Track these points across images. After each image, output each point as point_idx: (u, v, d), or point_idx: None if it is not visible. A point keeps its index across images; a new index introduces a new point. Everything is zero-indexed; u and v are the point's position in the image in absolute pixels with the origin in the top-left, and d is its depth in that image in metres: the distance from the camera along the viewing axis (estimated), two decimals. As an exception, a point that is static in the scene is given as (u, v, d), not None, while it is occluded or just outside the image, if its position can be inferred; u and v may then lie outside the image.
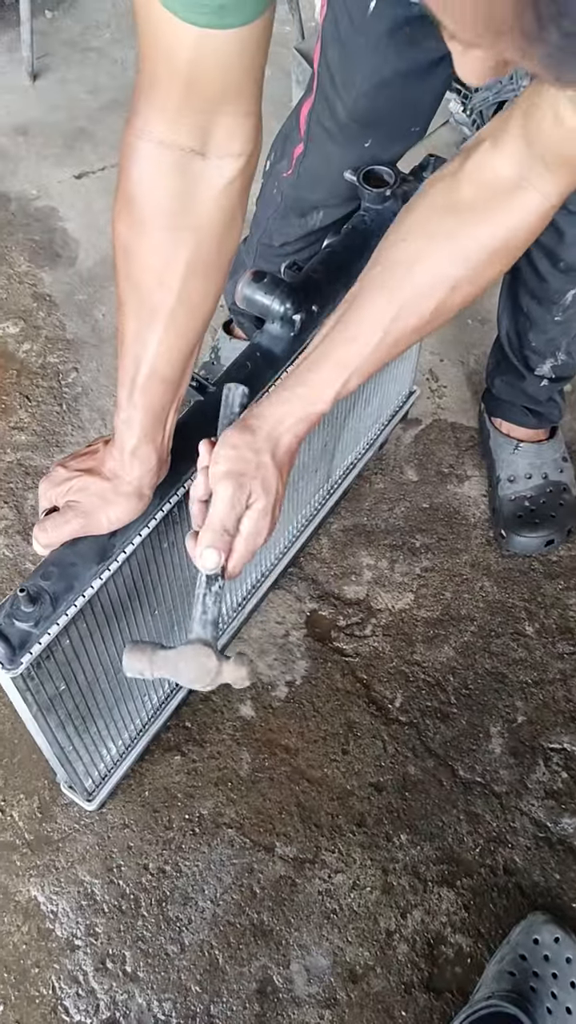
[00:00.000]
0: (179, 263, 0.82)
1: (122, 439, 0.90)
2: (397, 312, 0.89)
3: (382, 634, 1.45)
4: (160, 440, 0.92)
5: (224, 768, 1.32)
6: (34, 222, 1.96)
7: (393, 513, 1.58)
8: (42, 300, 1.83)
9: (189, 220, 0.80)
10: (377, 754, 1.34)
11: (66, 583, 0.91)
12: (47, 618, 0.89)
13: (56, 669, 0.97)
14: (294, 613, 1.47)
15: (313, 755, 1.34)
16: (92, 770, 1.21)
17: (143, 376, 0.86)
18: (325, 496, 1.51)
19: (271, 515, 0.89)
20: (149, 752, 1.32)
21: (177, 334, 0.85)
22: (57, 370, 1.73)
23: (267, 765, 1.33)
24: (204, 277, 0.84)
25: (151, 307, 0.83)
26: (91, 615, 0.97)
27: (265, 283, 1.06)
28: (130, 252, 0.82)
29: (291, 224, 1.34)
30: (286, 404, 0.90)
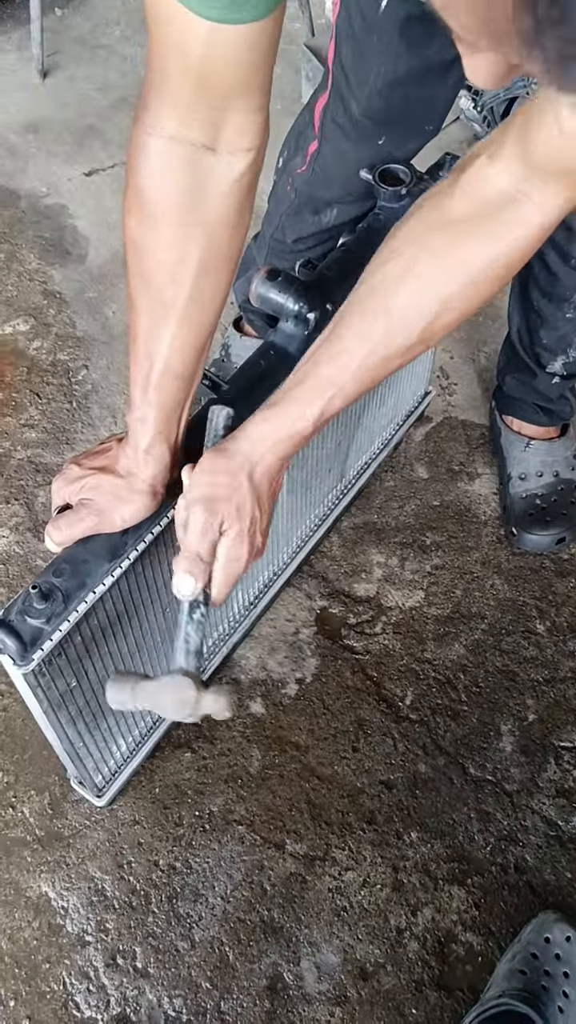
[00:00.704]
0: (191, 258, 0.82)
1: (136, 437, 0.90)
2: (384, 330, 0.86)
3: (392, 632, 1.45)
4: (174, 438, 0.92)
5: (234, 765, 1.32)
6: (44, 220, 1.96)
7: (403, 511, 1.57)
8: (52, 298, 1.83)
9: (200, 215, 0.80)
10: (387, 752, 1.34)
11: (78, 580, 0.91)
12: (59, 615, 0.90)
13: (67, 665, 0.97)
14: (304, 611, 1.47)
15: (323, 752, 1.34)
16: (102, 766, 1.21)
17: (157, 373, 0.86)
18: (339, 495, 1.51)
19: (248, 540, 0.87)
20: (159, 749, 1.32)
21: (190, 329, 0.85)
22: (67, 368, 1.73)
23: (277, 762, 1.33)
24: (215, 272, 0.84)
25: (163, 303, 0.83)
26: (102, 612, 0.98)
27: (279, 281, 1.06)
28: (141, 248, 0.82)
29: (304, 221, 1.33)
30: (267, 422, 0.87)
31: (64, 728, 1.04)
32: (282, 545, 1.40)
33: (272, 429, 0.87)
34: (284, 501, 1.30)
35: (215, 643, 1.35)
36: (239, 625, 1.38)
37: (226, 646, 1.37)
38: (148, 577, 1.03)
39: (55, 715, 1.00)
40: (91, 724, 1.10)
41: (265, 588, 1.41)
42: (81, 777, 1.19)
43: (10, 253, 1.89)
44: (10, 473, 1.58)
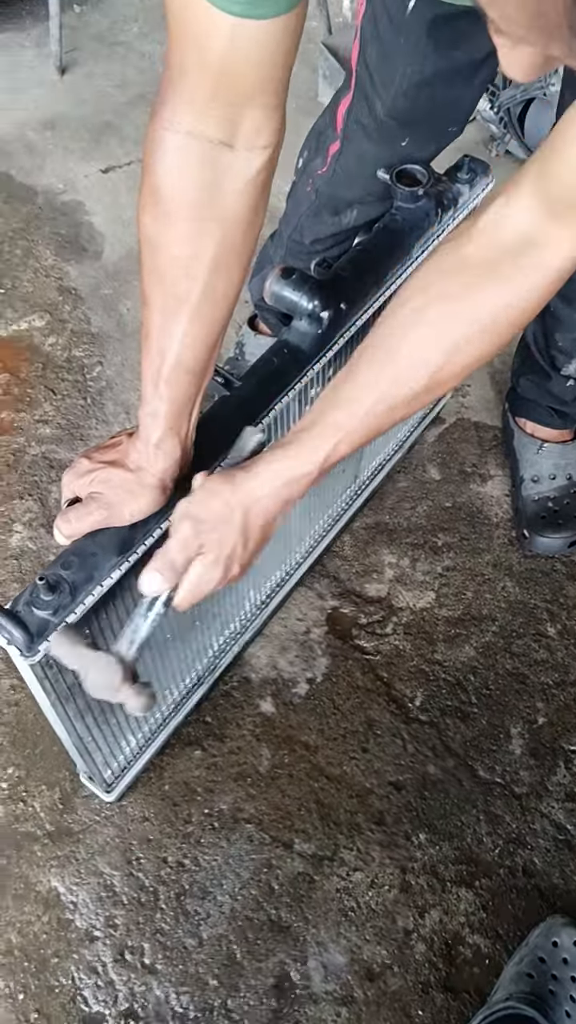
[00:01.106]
0: (205, 254, 0.82)
1: (147, 431, 0.90)
2: (392, 379, 0.85)
3: (403, 633, 1.45)
4: (184, 433, 0.92)
5: (244, 764, 1.33)
6: (60, 216, 1.97)
7: (415, 512, 1.58)
8: (68, 294, 1.84)
9: (215, 211, 0.81)
10: (397, 753, 1.35)
11: (86, 573, 0.92)
12: (65, 607, 0.90)
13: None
14: (315, 610, 1.47)
15: (332, 752, 1.34)
16: (111, 761, 1.22)
17: (168, 368, 0.87)
18: (352, 496, 1.51)
19: (221, 569, 0.88)
20: (169, 746, 1.33)
21: (202, 325, 0.86)
22: (82, 364, 1.74)
23: (287, 762, 1.33)
24: (229, 268, 0.85)
25: (176, 298, 0.84)
26: (110, 606, 0.98)
27: (294, 279, 1.06)
28: (156, 244, 0.83)
29: (324, 222, 1.34)
30: (275, 463, 0.87)
31: (72, 722, 1.04)
32: (294, 544, 1.41)
33: (278, 471, 0.87)
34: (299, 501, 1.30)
35: (226, 641, 1.35)
36: (250, 624, 1.39)
37: (237, 644, 1.37)
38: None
39: (63, 708, 1.01)
40: (100, 719, 1.10)
41: (277, 587, 1.42)
42: (91, 772, 1.20)
43: (27, 249, 1.90)
44: (24, 469, 1.59)
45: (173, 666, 1.23)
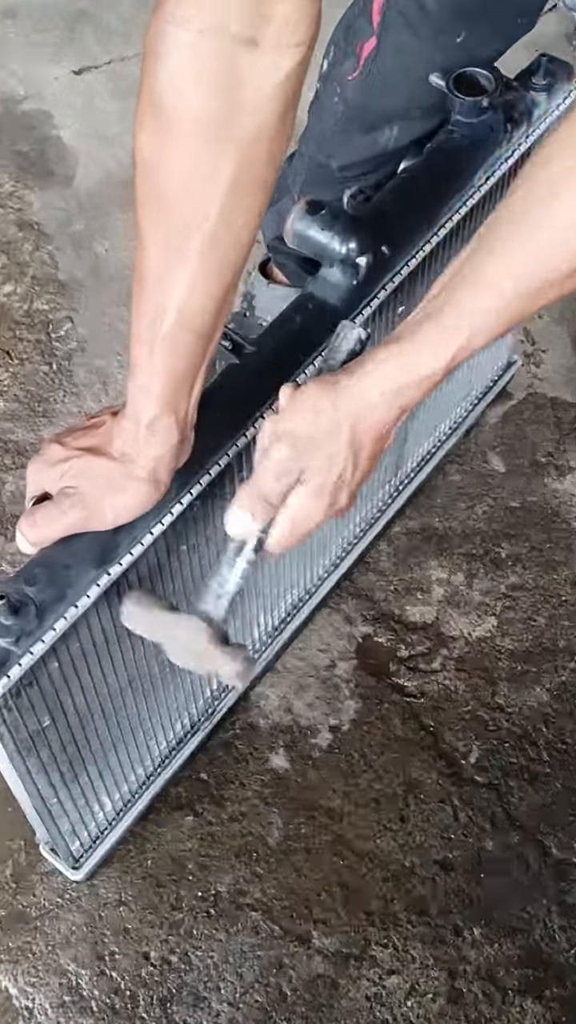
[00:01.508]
0: (220, 182, 0.83)
1: (137, 409, 0.91)
2: (543, 249, 0.87)
3: (455, 669, 1.45)
4: (184, 411, 0.93)
5: (248, 834, 1.33)
6: (21, 130, 1.98)
7: (473, 513, 1.58)
8: (29, 229, 1.85)
9: (233, 128, 0.81)
10: (445, 823, 1.35)
11: (56, 591, 0.92)
12: (30, 633, 0.90)
13: (40, 699, 0.98)
14: (342, 639, 1.47)
15: (362, 821, 1.35)
16: (81, 830, 1.22)
17: (168, 327, 0.87)
18: (392, 492, 1.51)
19: (328, 498, 0.90)
20: (154, 810, 1.33)
21: (213, 272, 0.86)
22: (46, 319, 1.74)
23: (303, 832, 1.34)
24: (248, 198, 0.85)
25: (181, 238, 0.84)
26: (86, 633, 0.98)
27: (323, 216, 1.06)
28: (156, 169, 0.83)
29: (355, 141, 1.34)
30: (386, 364, 0.89)
31: (33, 778, 1.04)
32: (316, 555, 1.41)
33: (395, 371, 0.88)
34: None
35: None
36: (259, 655, 1.39)
37: (241, 681, 1.38)
38: (145, 587, 1.03)
39: (22, 761, 1.01)
40: (68, 775, 1.10)
41: (294, 609, 1.42)
42: (54, 843, 1.21)
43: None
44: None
45: (160, 709, 1.23)
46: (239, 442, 1.01)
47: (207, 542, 1.10)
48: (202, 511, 1.04)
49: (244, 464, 1.06)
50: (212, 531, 1.09)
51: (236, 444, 1.01)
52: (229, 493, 1.07)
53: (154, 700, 1.20)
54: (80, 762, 1.11)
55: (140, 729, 1.21)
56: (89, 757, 1.12)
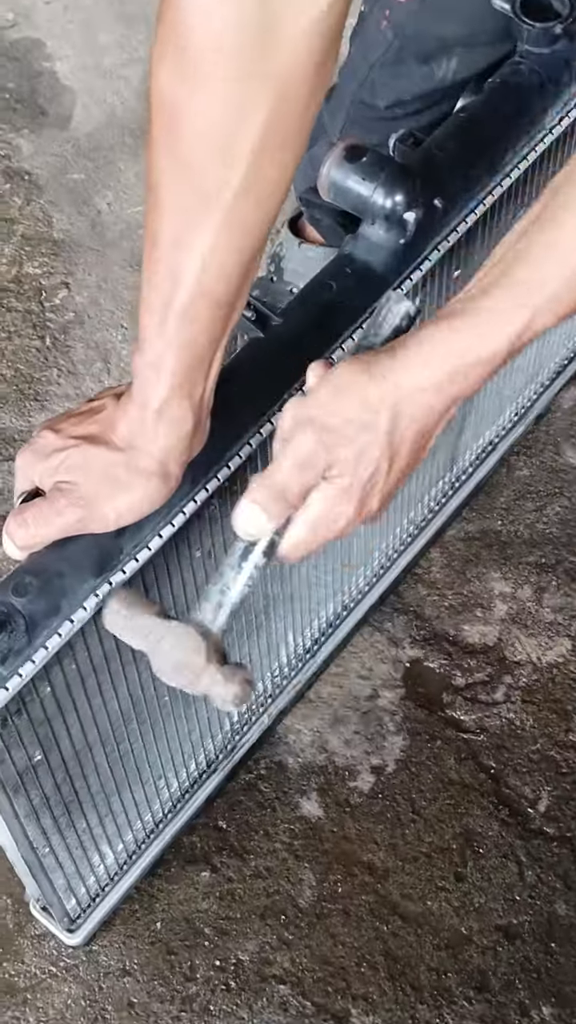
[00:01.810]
0: (251, 127, 0.84)
1: (145, 391, 0.92)
2: None
3: (521, 700, 1.47)
4: (200, 394, 0.94)
5: (275, 893, 1.35)
6: (8, 62, 2.00)
7: (543, 516, 1.59)
8: (18, 179, 1.87)
9: (268, 64, 0.82)
10: (509, 882, 1.36)
11: (50, 602, 0.93)
12: (19, 652, 0.92)
13: (30, 730, 0.99)
14: (387, 663, 1.49)
15: (411, 880, 1.36)
16: (78, 885, 1.23)
17: (185, 296, 0.89)
18: (446, 490, 1.52)
19: (356, 501, 0.90)
20: (164, 864, 1.35)
21: (238, 233, 0.88)
22: (38, 286, 1.76)
23: (340, 892, 1.35)
24: (283, 147, 0.86)
25: (204, 193, 0.86)
26: (84, 652, 1.00)
27: (364, 163, 1.07)
28: (177, 113, 0.84)
29: (407, 75, 1.35)
30: (440, 343, 0.88)
31: (22, 823, 1.06)
32: (358, 563, 1.42)
33: (447, 353, 0.88)
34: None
35: (252, 708, 1.37)
36: (288, 682, 1.41)
37: (267, 713, 1.40)
38: (153, 599, 1.03)
39: (9, 804, 1.02)
40: (63, 820, 1.12)
41: (329, 627, 1.43)
42: (46, 900, 1.22)
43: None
44: (-50, 443, 1.63)
45: (171, 743, 1.25)
46: (263, 429, 1.03)
47: (225, 547, 1.10)
48: (219, 510, 1.06)
49: (268, 456, 1.08)
50: (230, 534, 1.10)
51: (259, 432, 1.02)
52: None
53: (164, 733, 1.21)
54: (77, 805, 1.12)
55: (147, 767, 1.22)
56: (87, 799, 1.14)
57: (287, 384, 1.04)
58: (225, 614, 0.92)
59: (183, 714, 1.23)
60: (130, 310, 1.73)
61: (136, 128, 1.93)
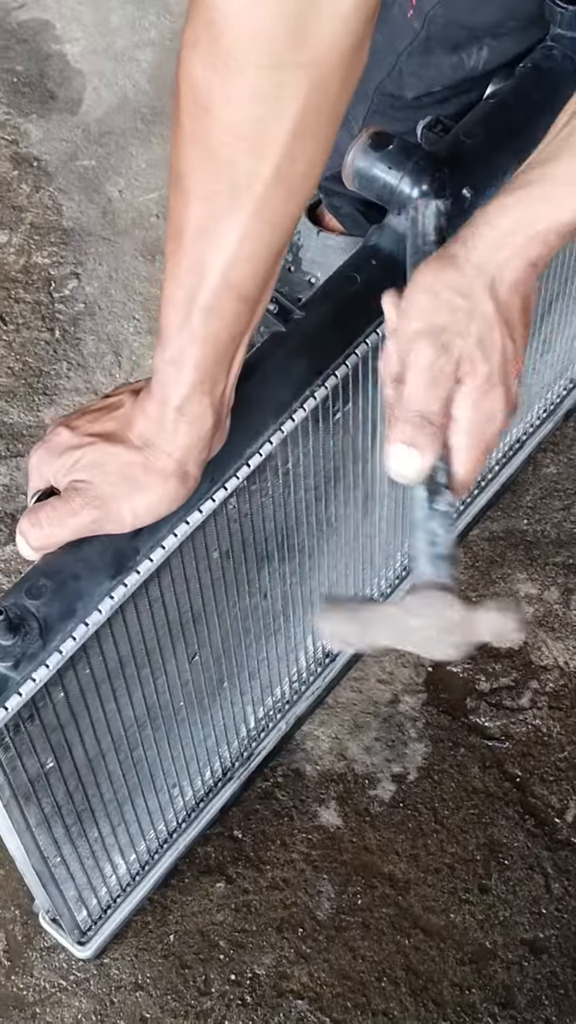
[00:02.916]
0: (285, 118, 0.84)
1: (165, 387, 0.92)
2: None
3: (548, 706, 1.46)
4: (221, 392, 0.94)
5: (293, 905, 1.35)
6: (16, 44, 2.00)
7: (571, 514, 1.59)
8: (26, 166, 1.87)
9: (306, 52, 0.82)
10: (535, 895, 1.36)
11: (64, 605, 0.93)
12: (32, 656, 0.92)
13: (42, 736, 0.99)
14: (408, 667, 1.49)
15: (433, 892, 1.36)
16: (89, 896, 1.24)
17: (210, 290, 0.89)
18: (472, 490, 1.52)
19: (501, 388, 0.91)
20: (178, 875, 1.35)
21: (269, 224, 0.88)
22: (47, 276, 1.77)
23: (360, 904, 1.35)
24: (315, 136, 0.87)
25: (233, 184, 0.86)
26: (98, 655, 1.00)
27: (391, 152, 1.07)
28: (209, 101, 0.84)
29: (436, 65, 1.35)
30: (511, 213, 0.90)
31: (33, 832, 1.06)
32: (380, 566, 1.42)
33: (519, 222, 0.90)
34: (385, 498, 1.32)
35: (268, 714, 1.37)
36: (306, 688, 1.40)
37: (285, 720, 1.40)
38: (170, 605, 1.05)
39: (20, 812, 1.02)
40: (74, 829, 1.12)
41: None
42: (56, 911, 1.22)
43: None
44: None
45: (186, 751, 1.25)
46: (284, 426, 1.03)
47: (244, 549, 1.11)
48: (238, 510, 1.06)
49: (289, 454, 1.08)
50: (251, 535, 1.10)
51: (280, 429, 1.02)
52: (271, 488, 1.09)
53: (178, 740, 1.21)
54: (89, 814, 1.13)
55: (161, 775, 1.22)
56: (100, 808, 1.14)
57: (309, 380, 1.04)
58: (445, 563, 0.92)
59: (199, 720, 1.23)
60: (142, 301, 1.73)
61: (148, 113, 1.94)
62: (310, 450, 1.12)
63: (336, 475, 1.20)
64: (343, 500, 1.24)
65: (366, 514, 1.30)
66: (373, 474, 1.26)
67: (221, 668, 1.21)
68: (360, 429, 1.19)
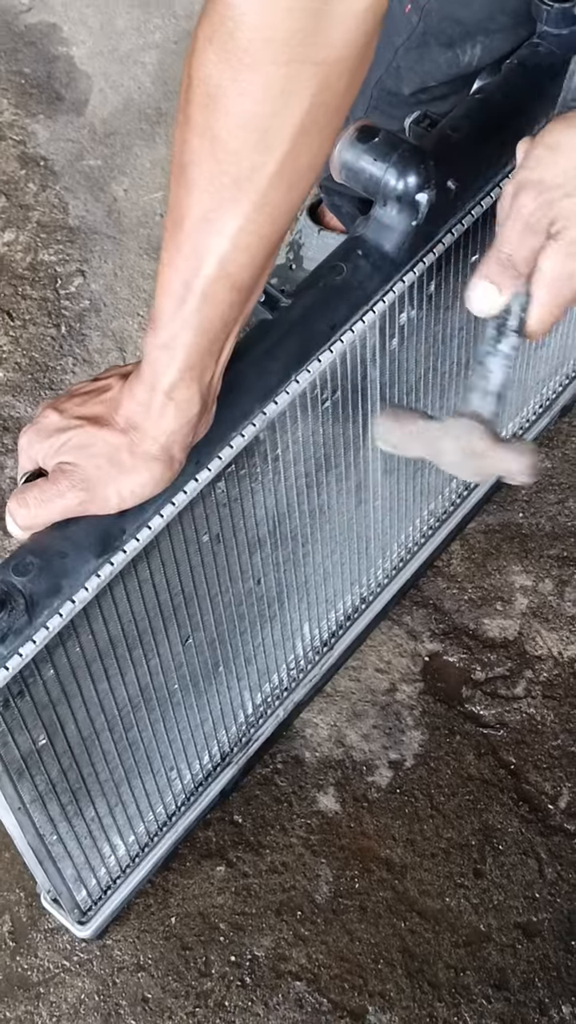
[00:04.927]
0: (293, 113, 0.86)
1: (155, 372, 0.94)
2: None
3: (542, 695, 1.48)
4: (209, 379, 0.95)
5: (291, 888, 1.36)
6: (24, 47, 2.03)
7: (565, 508, 1.60)
8: (34, 166, 1.89)
9: (318, 48, 0.84)
10: (529, 879, 1.37)
11: (51, 582, 0.94)
12: (20, 632, 0.93)
13: (33, 712, 1.00)
14: (405, 657, 1.50)
15: (429, 876, 1.37)
16: (88, 876, 1.25)
17: (206, 278, 0.90)
18: (468, 483, 1.52)
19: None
20: (178, 858, 1.37)
21: (269, 216, 0.90)
22: (54, 273, 1.79)
23: (357, 888, 1.37)
24: (320, 134, 0.88)
25: (237, 177, 0.87)
26: (87, 634, 1.01)
27: (376, 144, 1.08)
28: (221, 96, 0.85)
29: (432, 60, 1.36)
30: None
31: (28, 811, 1.07)
32: (376, 556, 1.44)
33: None
34: (379, 488, 1.33)
35: (267, 701, 1.39)
36: (304, 675, 1.42)
37: (283, 707, 1.41)
38: (160, 586, 1.07)
39: (14, 789, 1.04)
40: (70, 808, 1.14)
41: (347, 621, 1.45)
42: (57, 892, 1.24)
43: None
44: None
45: (183, 734, 1.26)
46: (267, 409, 1.04)
47: (236, 533, 1.13)
48: (227, 494, 1.08)
49: (278, 440, 1.10)
50: (241, 520, 1.12)
51: (263, 412, 1.04)
52: (261, 473, 1.11)
53: (175, 723, 1.23)
54: (85, 793, 1.14)
55: (158, 757, 1.24)
56: (96, 787, 1.15)
57: (296, 366, 1.06)
58: (492, 400, 0.99)
59: (194, 704, 1.24)
60: (146, 298, 1.75)
61: (152, 114, 1.96)
62: (299, 437, 1.13)
63: (328, 463, 1.21)
64: (335, 489, 1.25)
65: (359, 503, 1.31)
66: (366, 463, 1.27)
67: (216, 652, 1.22)
68: (351, 418, 1.20)
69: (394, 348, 1.19)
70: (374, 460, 1.28)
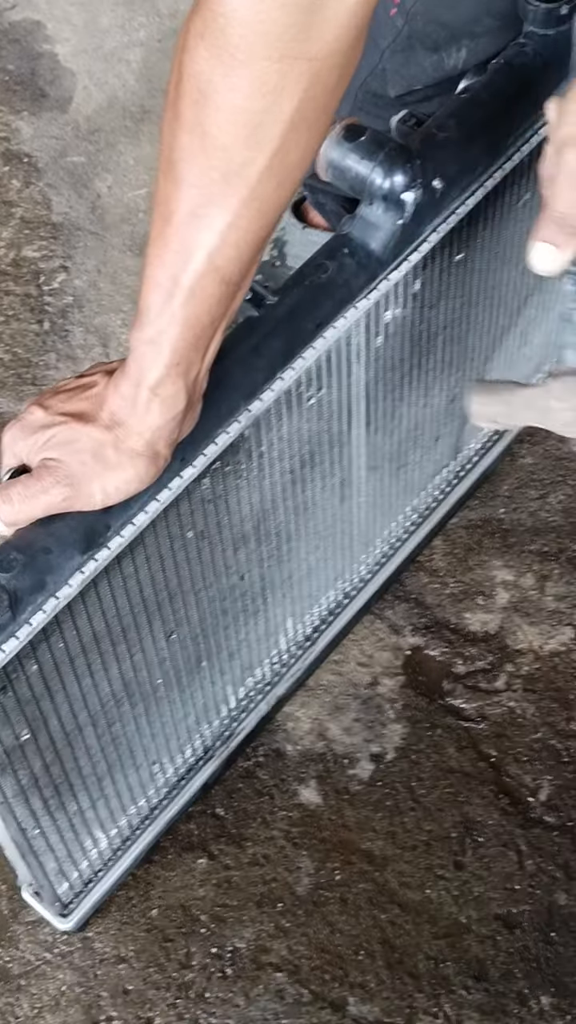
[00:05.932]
0: (284, 109, 0.85)
1: (141, 368, 0.93)
2: None
3: (522, 688, 1.48)
4: (195, 375, 0.95)
5: (273, 881, 1.36)
6: (8, 44, 2.01)
7: (546, 503, 1.60)
8: (17, 162, 1.88)
9: (309, 45, 0.84)
10: (509, 871, 1.37)
11: (34, 578, 0.94)
12: (3, 628, 0.93)
13: (16, 707, 1.00)
14: (387, 651, 1.50)
15: (409, 868, 1.37)
16: (70, 869, 1.25)
17: (194, 272, 0.90)
18: (450, 479, 1.53)
19: None
20: (160, 851, 1.36)
21: (258, 212, 0.89)
22: (36, 269, 1.78)
23: (338, 880, 1.36)
24: (310, 128, 0.88)
25: (227, 172, 0.87)
26: (71, 630, 1.01)
27: (363, 143, 1.08)
28: (210, 90, 0.85)
29: (418, 63, 1.35)
30: None
31: (10, 804, 1.07)
32: (359, 552, 1.43)
33: None
34: (363, 484, 1.33)
35: (249, 694, 1.38)
36: (287, 670, 1.42)
37: (266, 700, 1.41)
38: (144, 582, 1.06)
39: (-3, 785, 1.04)
40: (53, 802, 1.13)
41: (329, 615, 1.45)
42: (37, 884, 1.23)
43: (-42, 94, 1.96)
44: (-52, 427, 1.64)
45: (166, 728, 1.26)
46: (252, 406, 1.04)
47: (220, 530, 1.12)
48: (212, 491, 1.07)
49: (263, 437, 1.09)
50: (226, 516, 1.11)
51: (248, 409, 1.04)
52: (245, 470, 1.10)
53: (157, 717, 1.22)
54: (67, 787, 1.14)
55: (141, 751, 1.23)
56: (78, 781, 1.15)
57: (283, 363, 1.05)
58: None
59: (178, 699, 1.24)
60: (129, 294, 1.74)
61: (137, 111, 1.95)
62: (284, 434, 1.13)
63: (312, 460, 1.20)
64: (320, 485, 1.25)
65: (343, 499, 1.31)
66: (350, 460, 1.27)
67: (199, 647, 1.22)
68: (336, 416, 1.20)
69: (379, 346, 1.18)
70: (358, 457, 1.27)
